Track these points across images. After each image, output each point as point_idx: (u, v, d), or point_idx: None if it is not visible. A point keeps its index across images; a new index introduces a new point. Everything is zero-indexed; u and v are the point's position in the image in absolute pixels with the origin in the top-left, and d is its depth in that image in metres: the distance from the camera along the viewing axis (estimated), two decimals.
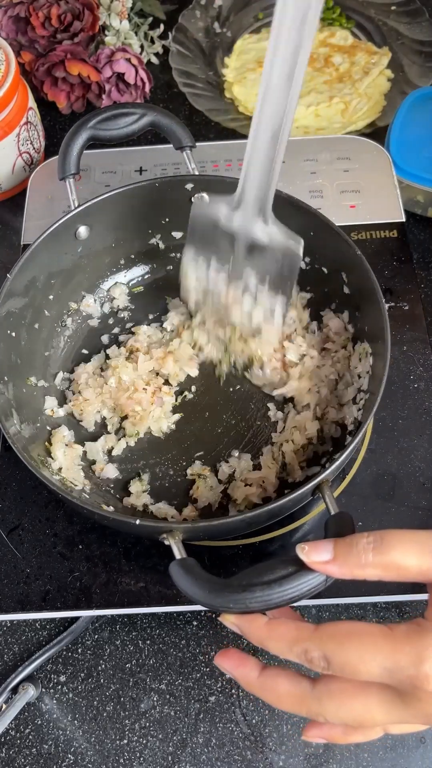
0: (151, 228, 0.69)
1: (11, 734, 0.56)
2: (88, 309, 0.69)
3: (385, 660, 0.36)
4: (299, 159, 0.76)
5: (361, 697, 0.38)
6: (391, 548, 0.38)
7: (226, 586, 0.41)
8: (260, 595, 0.40)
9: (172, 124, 0.67)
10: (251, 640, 0.41)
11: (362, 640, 0.37)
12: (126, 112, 0.66)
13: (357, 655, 0.37)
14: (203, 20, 0.95)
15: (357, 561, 0.39)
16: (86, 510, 0.49)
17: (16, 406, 0.57)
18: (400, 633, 0.37)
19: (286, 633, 0.39)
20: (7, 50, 0.75)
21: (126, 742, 0.55)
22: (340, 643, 0.37)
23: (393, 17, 0.95)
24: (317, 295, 0.66)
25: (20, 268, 0.59)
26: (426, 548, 0.38)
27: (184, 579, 0.42)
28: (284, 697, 0.40)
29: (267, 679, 0.41)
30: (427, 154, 0.74)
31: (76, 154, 0.65)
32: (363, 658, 0.37)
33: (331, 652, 0.37)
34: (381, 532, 0.39)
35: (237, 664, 0.42)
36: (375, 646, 0.37)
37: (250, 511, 0.47)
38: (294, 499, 0.47)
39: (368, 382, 0.57)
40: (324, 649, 0.38)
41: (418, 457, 0.60)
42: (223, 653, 0.43)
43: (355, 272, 0.58)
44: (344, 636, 0.38)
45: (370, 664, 0.37)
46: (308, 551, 0.40)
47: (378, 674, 0.37)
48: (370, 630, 0.38)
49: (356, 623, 0.39)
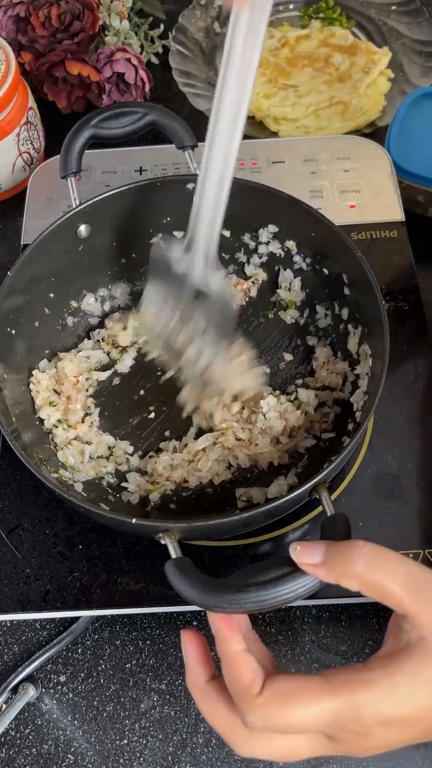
0: (152, 227, 0.69)
1: (11, 734, 0.56)
2: (88, 308, 0.69)
3: (325, 716, 0.37)
4: (299, 159, 0.76)
5: (291, 738, 0.39)
6: (382, 569, 0.38)
7: (220, 587, 0.40)
8: (254, 596, 0.40)
9: (174, 124, 0.66)
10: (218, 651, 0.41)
11: (303, 698, 0.37)
12: (128, 111, 0.65)
13: (297, 718, 0.37)
14: (203, 20, 0.95)
15: (344, 569, 0.39)
16: (83, 509, 0.49)
17: (15, 404, 0.57)
18: (340, 684, 0.37)
19: (238, 679, 0.39)
20: (7, 50, 0.75)
21: (126, 743, 0.55)
22: (280, 707, 0.37)
23: (393, 17, 0.95)
24: (318, 296, 0.66)
25: (20, 266, 0.59)
26: (414, 583, 0.38)
27: (179, 578, 0.42)
28: (218, 718, 0.40)
29: (211, 692, 0.41)
30: (427, 154, 0.74)
31: (78, 153, 0.65)
32: (304, 719, 0.37)
33: (271, 717, 0.37)
34: (378, 549, 0.39)
35: (195, 658, 0.42)
36: (316, 704, 0.37)
37: (246, 511, 0.47)
38: (291, 500, 0.47)
39: (368, 383, 0.57)
40: (265, 715, 0.37)
41: (418, 457, 0.60)
42: (191, 637, 0.42)
43: (355, 273, 0.58)
44: (284, 698, 0.37)
45: (310, 724, 0.37)
46: (299, 552, 0.40)
47: (316, 728, 0.37)
48: (308, 686, 0.37)
49: (296, 678, 0.38)
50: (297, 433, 0.60)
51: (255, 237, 0.68)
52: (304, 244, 0.65)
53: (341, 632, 0.58)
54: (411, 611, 0.38)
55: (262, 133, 0.86)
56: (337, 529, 0.43)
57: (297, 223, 0.60)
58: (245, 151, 0.77)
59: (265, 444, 0.59)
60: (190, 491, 0.59)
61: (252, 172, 0.75)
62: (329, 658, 0.57)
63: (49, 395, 0.62)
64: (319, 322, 0.66)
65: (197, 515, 0.58)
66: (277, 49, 0.91)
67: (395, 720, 0.37)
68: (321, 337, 0.66)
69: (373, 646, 0.57)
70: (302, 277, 0.67)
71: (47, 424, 0.61)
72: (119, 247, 0.69)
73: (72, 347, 0.67)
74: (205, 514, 0.58)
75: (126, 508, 0.59)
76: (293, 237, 0.65)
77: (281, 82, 0.87)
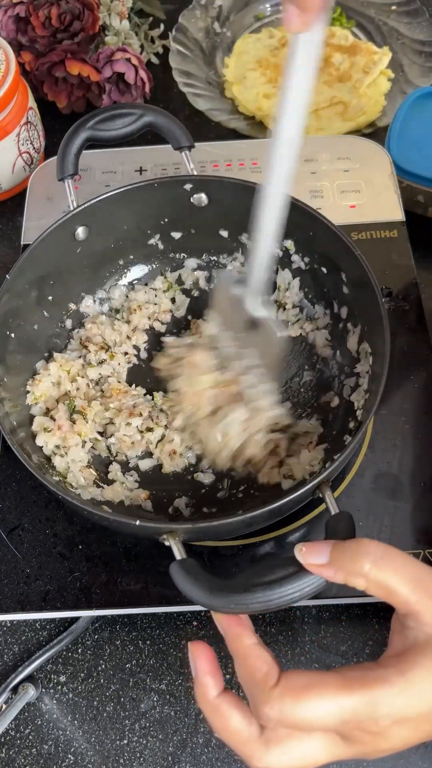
0: (150, 229, 0.69)
1: (11, 734, 0.56)
2: (87, 310, 0.69)
3: (342, 712, 0.36)
4: (299, 159, 0.76)
5: (307, 742, 0.38)
6: (390, 569, 0.38)
7: (226, 587, 0.41)
8: (261, 595, 0.40)
9: (171, 125, 0.66)
10: (230, 648, 0.41)
11: (320, 692, 0.37)
12: (124, 113, 0.65)
13: (315, 713, 0.37)
14: (203, 20, 0.95)
15: (352, 568, 0.39)
16: (86, 511, 0.49)
17: (15, 407, 0.57)
18: (355, 680, 0.37)
19: (253, 672, 0.39)
20: (7, 50, 0.75)
21: (126, 743, 0.55)
22: (297, 700, 0.37)
23: (393, 17, 0.95)
24: (317, 295, 0.66)
25: (18, 269, 0.59)
26: (420, 584, 0.38)
27: (185, 580, 0.42)
28: (231, 731, 0.39)
29: (222, 705, 0.40)
30: (427, 154, 0.74)
31: (74, 155, 0.65)
32: (321, 714, 0.37)
33: (287, 710, 0.37)
34: (387, 548, 0.39)
35: (205, 670, 0.41)
36: (333, 700, 0.37)
37: (250, 512, 0.47)
38: (294, 499, 0.47)
39: (368, 382, 0.57)
40: (281, 708, 0.37)
41: (418, 457, 0.60)
42: (200, 648, 0.42)
43: (354, 273, 0.58)
44: (301, 691, 0.37)
45: (326, 720, 0.37)
46: (305, 552, 0.40)
47: (333, 726, 0.37)
48: (325, 681, 0.37)
49: (311, 674, 0.38)
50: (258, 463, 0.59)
51: None
52: (302, 244, 0.65)
53: (341, 632, 0.58)
54: (416, 609, 0.38)
55: (262, 133, 0.86)
56: (341, 527, 0.43)
57: (295, 223, 0.60)
58: (245, 151, 0.78)
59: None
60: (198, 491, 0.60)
61: (252, 172, 0.75)
62: (329, 658, 0.57)
63: (43, 422, 0.60)
64: (318, 321, 0.66)
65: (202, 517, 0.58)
66: (277, 49, 0.91)
67: (410, 717, 0.37)
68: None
69: (373, 646, 0.57)
70: (301, 277, 0.67)
71: (46, 450, 0.59)
72: (117, 249, 0.69)
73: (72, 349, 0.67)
74: (210, 517, 0.58)
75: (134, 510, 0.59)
76: (291, 237, 0.65)
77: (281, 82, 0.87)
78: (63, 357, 0.64)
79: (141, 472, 0.61)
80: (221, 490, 0.60)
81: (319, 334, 0.65)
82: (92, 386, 0.64)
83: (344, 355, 0.63)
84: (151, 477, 0.61)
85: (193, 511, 0.59)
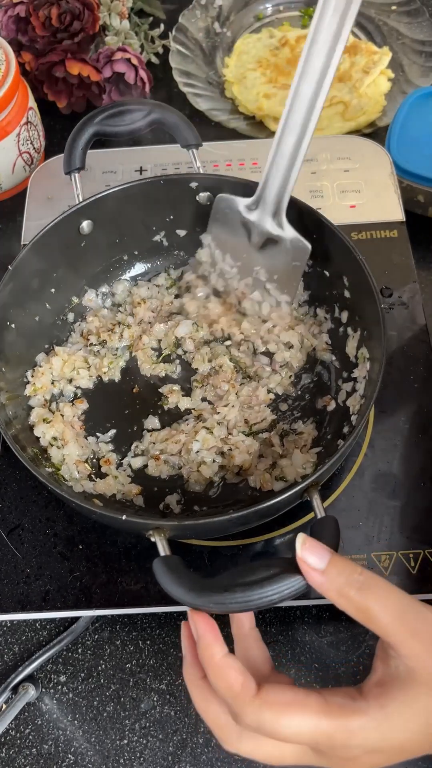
0: (155, 225, 0.69)
1: (11, 734, 0.56)
2: (89, 303, 0.69)
3: (318, 734, 0.37)
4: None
5: (279, 745, 0.40)
6: (374, 597, 0.39)
7: (207, 586, 0.40)
8: (240, 596, 0.39)
9: (179, 122, 0.66)
10: (201, 657, 0.41)
11: (300, 711, 0.38)
12: (132, 109, 0.65)
13: (291, 729, 0.38)
14: (203, 20, 0.95)
15: (340, 588, 0.39)
16: (74, 503, 0.49)
17: (12, 399, 0.57)
18: (336, 707, 0.38)
19: (231, 684, 0.39)
20: (7, 50, 0.75)
21: (126, 742, 0.55)
22: (276, 714, 0.38)
23: (393, 17, 0.95)
24: (319, 299, 0.66)
25: (21, 260, 0.59)
26: (402, 616, 0.38)
27: (166, 576, 0.42)
28: (211, 714, 0.41)
29: (207, 687, 0.41)
30: (427, 154, 0.74)
31: (82, 149, 0.65)
32: (297, 732, 0.38)
33: (266, 722, 0.38)
34: (373, 578, 0.39)
35: (194, 652, 0.42)
36: (311, 721, 0.38)
37: (237, 511, 0.47)
38: (282, 501, 0.47)
39: (364, 387, 0.57)
40: (259, 718, 0.38)
41: (418, 457, 0.60)
42: (191, 630, 0.42)
43: (355, 276, 0.58)
44: (282, 707, 0.38)
45: (301, 737, 0.38)
46: (306, 548, 0.40)
47: (306, 742, 0.38)
48: (307, 702, 0.38)
49: (295, 691, 0.39)
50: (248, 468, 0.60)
51: None
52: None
53: (341, 632, 0.58)
54: (394, 640, 0.38)
55: (262, 133, 0.86)
56: (326, 533, 0.43)
57: (297, 224, 0.60)
58: (245, 151, 0.78)
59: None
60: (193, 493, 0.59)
61: (252, 172, 0.75)
62: (329, 658, 0.57)
63: (42, 413, 0.61)
64: (322, 326, 0.66)
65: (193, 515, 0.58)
66: (277, 49, 0.91)
67: (383, 749, 0.38)
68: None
69: (372, 646, 0.57)
70: (304, 278, 0.67)
71: (43, 441, 0.60)
72: (121, 244, 0.69)
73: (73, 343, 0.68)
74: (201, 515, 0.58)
75: (125, 505, 0.59)
76: None
77: (281, 82, 0.87)
78: (64, 350, 0.65)
79: (134, 469, 0.61)
80: (213, 488, 0.60)
81: (319, 338, 0.65)
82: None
83: (343, 360, 0.63)
84: (143, 473, 0.61)
85: (184, 508, 0.59)
